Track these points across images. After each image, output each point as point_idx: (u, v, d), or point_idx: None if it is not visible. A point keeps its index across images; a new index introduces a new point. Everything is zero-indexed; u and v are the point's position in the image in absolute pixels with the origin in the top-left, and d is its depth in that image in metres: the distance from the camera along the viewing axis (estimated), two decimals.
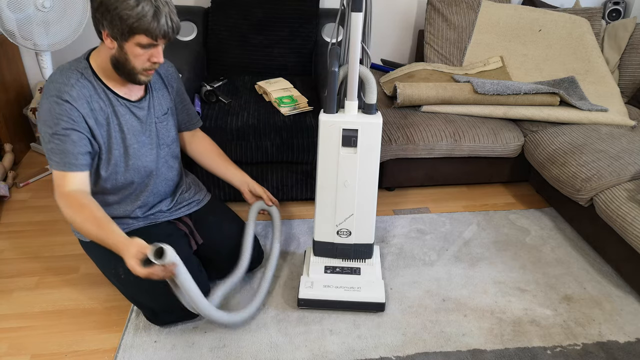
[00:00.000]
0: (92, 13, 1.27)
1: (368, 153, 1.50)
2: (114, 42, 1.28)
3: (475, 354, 1.51)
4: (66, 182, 1.33)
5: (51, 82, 1.31)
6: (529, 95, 2.20)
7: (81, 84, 1.32)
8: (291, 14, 2.42)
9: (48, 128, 1.29)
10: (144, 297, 1.51)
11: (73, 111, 1.29)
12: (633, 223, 1.63)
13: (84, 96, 1.32)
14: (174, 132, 1.57)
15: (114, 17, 1.23)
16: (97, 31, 1.30)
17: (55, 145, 1.30)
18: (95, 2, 1.24)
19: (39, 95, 2.53)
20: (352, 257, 1.70)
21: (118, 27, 1.24)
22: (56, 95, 1.28)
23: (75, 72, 1.33)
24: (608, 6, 2.77)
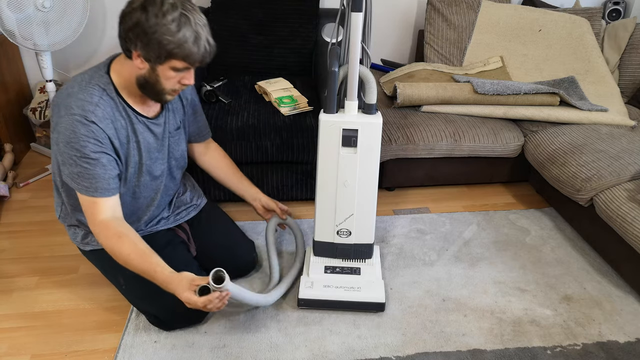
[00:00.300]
0: (123, 32, 1.19)
1: (368, 153, 1.50)
2: (146, 64, 1.22)
3: (475, 354, 1.51)
4: (100, 209, 1.29)
5: (70, 97, 1.24)
6: (529, 95, 2.20)
7: (104, 102, 1.26)
8: (291, 14, 2.42)
9: (74, 150, 1.23)
10: (146, 305, 1.52)
11: (100, 133, 1.24)
12: (633, 223, 1.63)
13: (108, 116, 1.27)
14: (183, 145, 1.56)
15: (152, 40, 1.17)
16: (125, 49, 1.23)
17: (84, 170, 1.25)
18: (129, 21, 1.17)
19: (39, 95, 2.53)
20: (352, 257, 1.70)
21: (155, 50, 1.19)
22: (80, 115, 1.22)
23: (97, 88, 1.27)
24: (608, 6, 2.76)
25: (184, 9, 1.18)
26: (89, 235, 1.47)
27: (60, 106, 1.25)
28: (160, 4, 1.16)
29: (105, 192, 1.29)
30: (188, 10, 1.19)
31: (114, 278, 1.52)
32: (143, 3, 1.16)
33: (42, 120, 2.50)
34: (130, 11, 1.17)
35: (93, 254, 1.49)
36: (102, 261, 1.50)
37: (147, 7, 1.16)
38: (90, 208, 1.29)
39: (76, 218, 1.47)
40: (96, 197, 1.28)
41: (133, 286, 1.49)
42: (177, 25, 1.16)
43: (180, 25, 1.17)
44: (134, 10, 1.17)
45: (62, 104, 1.25)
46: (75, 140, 1.22)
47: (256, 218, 2.11)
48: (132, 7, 1.18)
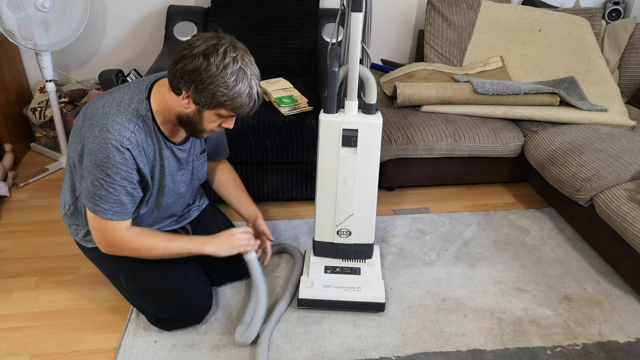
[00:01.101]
0: (180, 72, 1.18)
1: (368, 153, 1.50)
2: (193, 105, 1.23)
3: (475, 354, 1.51)
4: (116, 230, 1.31)
5: (107, 118, 1.23)
6: (529, 95, 2.20)
7: (139, 129, 1.26)
8: (291, 14, 2.42)
9: (103, 174, 1.23)
10: (145, 305, 1.52)
11: (131, 161, 1.25)
12: (633, 223, 1.63)
13: (141, 142, 1.26)
14: (206, 166, 1.57)
15: (207, 89, 1.17)
16: (174, 86, 1.21)
17: (107, 194, 1.25)
18: (189, 65, 1.16)
19: (39, 95, 2.53)
20: (352, 257, 1.70)
21: (207, 98, 1.19)
22: (117, 140, 1.21)
23: (135, 113, 1.26)
24: (608, 6, 2.77)
25: (244, 63, 1.19)
26: (90, 233, 1.46)
27: (94, 122, 1.24)
28: (222, 56, 1.16)
29: (123, 216, 1.31)
30: (246, 64, 1.20)
31: (114, 277, 1.52)
32: (205, 51, 1.16)
33: (42, 120, 2.50)
34: (191, 56, 1.16)
35: (94, 251, 1.49)
36: (103, 259, 1.50)
37: (210, 56, 1.16)
38: (107, 229, 1.31)
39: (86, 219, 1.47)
40: (114, 220, 1.30)
41: (133, 285, 1.49)
42: (235, 79, 1.18)
43: (238, 80, 1.18)
44: (195, 56, 1.16)
45: (97, 121, 1.23)
46: (107, 165, 1.22)
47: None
48: (193, 52, 1.16)
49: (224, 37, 1.20)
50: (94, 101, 1.30)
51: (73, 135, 1.33)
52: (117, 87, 1.32)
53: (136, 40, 2.69)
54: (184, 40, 2.45)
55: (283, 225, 2.07)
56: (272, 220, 2.09)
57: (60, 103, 2.46)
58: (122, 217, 1.31)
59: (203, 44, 1.17)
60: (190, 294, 1.50)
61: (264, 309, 1.50)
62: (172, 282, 1.47)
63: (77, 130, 1.30)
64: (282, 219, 2.11)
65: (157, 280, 1.46)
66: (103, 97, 1.28)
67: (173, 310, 1.49)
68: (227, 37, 1.20)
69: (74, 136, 1.31)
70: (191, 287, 1.50)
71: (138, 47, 2.71)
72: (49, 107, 2.46)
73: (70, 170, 1.39)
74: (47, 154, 2.57)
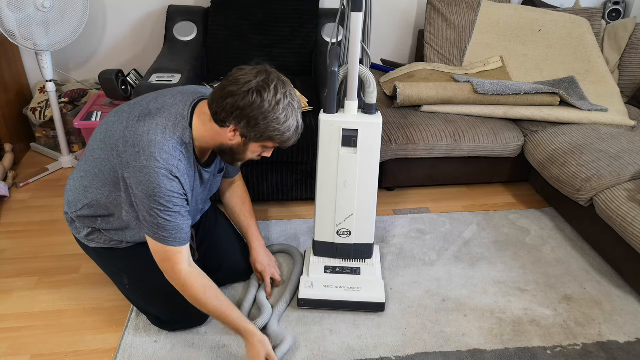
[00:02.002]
0: (228, 105, 1.19)
1: (368, 153, 1.50)
2: (240, 138, 1.25)
3: (475, 354, 1.51)
4: (181, 258, 1.31)
5: (153, 146, 1.21)
6: (529, 95, 2.20)
7: (184, 157, 1.26)
8: (291, 14, 2.42)
9: (157, 204, 1.23)
10: (147, 305, 1.52)
11: (180, 189, 1.25)
12: (633, 223, 1.63)
13: (186, 170, 1.27)
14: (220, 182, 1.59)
15: (259, 125, 1.20)
16: (220, 119, 1.22)
17: (166, 222, 1.25)
18: (241, 102, 1.17)
19: (39, 95, 2.53)
20: (352, 257, 1.70)
21: (257, 132, 1.22)
22: (166, 169, 1.21)
23: (180, 141, 1.25)
24: (608, 6, 2.77)
25: (292, 98, 1.22)
26: (94, 233, 1.45)
27: (139, 150, 1.21)
28: (274, 92, 1.18)
29: (184, 241, 1.31)
30: (294, 98, 1.23)
31: (117, 277, 1.52)
32: (257, 87, 1.17)
33: (42, 120, 2.50)
34: (243, 92, 1.17)
35: (96, 252, 1.49)
36: (105, 260, 1.50)
37: (262, 93, 1.18)
38: (172, 257, 1.31)
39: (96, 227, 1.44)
40: (176, 246, 1.30)
41: (136, 286, 1.49)
42: (286, 115, 1.21)
43: (288, 115, 1.22)
44: (247, 93, 1.17)
45: (142, 149, 1.21)
46: (160, 194, 1.22)
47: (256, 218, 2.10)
48: (244, 89, 1.17)
49: (272, 72, 1.21)
50: (132, 124, 1.26)
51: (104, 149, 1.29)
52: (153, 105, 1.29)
53: (136, 40, 2.69)
54: (184, 40, 2.45)
55: (283, 225, 2.07)
56: (272, 220, 2.09)
57: (60, 103, 2.46)
58: (183, 242, 1.31)
59: (254, 80, 1.18)
60: None
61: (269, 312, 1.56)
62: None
63: (113, 150, 1.26)
64: (282, 219, 2.11)
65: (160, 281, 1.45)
66: (144, 121, 1.25)
67: (175, 312, 1.49)
68: (274, 72, 1.22)
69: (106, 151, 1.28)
70: None
71: (138, 47, 2.71)
72: (49, 107, 2.46)
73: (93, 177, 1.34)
74: (47, 154, 2.57)
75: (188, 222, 1.32)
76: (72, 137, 2.55)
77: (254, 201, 2.20)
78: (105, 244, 1.46)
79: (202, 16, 2.50)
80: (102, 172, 1.30)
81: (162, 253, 1.31)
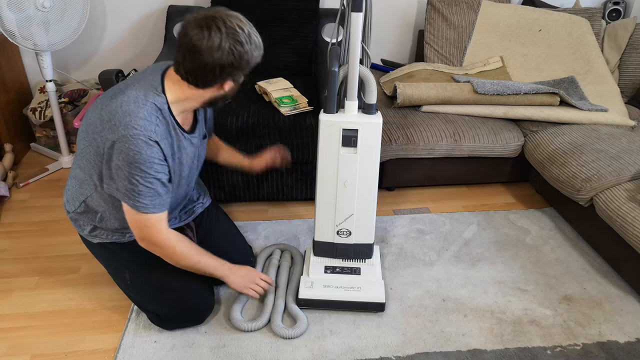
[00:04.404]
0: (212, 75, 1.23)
1: (368, 153, 1.50)
2: (231, 83, 1.30)
3: (475, 354, 1.51)
4: (160, 225, 1.34)
5: (129, 115, 1.23)
6: (529, 95, 2.20)
7: (160, 122, 1.27)
8: (291, 14, 2.42)
9: (138, 170, 1.24)
10: (148, 303, 1.52)
11: (160, 153, 1.26)
12: (633, 223, 1.63)
13: (164, 135, 1.28)
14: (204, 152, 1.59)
15: (247, 66, 1.26)
16: (206, 83, 1.26)
17: (146, 189, 1.27)
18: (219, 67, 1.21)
19: (39, 95, 2.53)
20: (352, 257, 1.70)
21: (247, 70, 1.28)
22: (144, 135, 1.22)
23: (154, 107, 1.26)
24: (608, 6, 2.77)
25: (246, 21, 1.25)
26: (97, 229, 1.47)
27: (116, 123, 1.23)
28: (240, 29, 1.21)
29: (163, 207, 1.33)
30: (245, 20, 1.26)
31: (119, 273, 1.52)
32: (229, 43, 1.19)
33: (42, 120, 2.50)
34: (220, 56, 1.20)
35: (100, 247, 1.50)
36: (108, 255, 1.51)
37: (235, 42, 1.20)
38: (150, 224, 1.32)
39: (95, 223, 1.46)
40: (157, 213, 1.31)
41: (138, 282, 1.49)
42: (256, 40, 1.25)
43: (255, 37, 1.25)
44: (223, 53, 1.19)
45: (119, 121, 1.23)
46: (140, 160, 1.23)
47: (256, 218, 2.11)
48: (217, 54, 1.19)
49: (217, 15, 1.20)
50: (106, 103, 1.28)
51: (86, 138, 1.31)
52: (123, 85, 1.31)
53: (136, 40, 2.69)
54: None
55: (283, 225, 2.07)
56: (272, 220, 2.09)
57: (60, 103, 2.46)
58: (162, 208, 1.33)
59: (215, 36, 1.18)
60: (193, 294, 1.51)
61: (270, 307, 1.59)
62: (176, 281, 1.48)
63: (94, 134, 1.28)
64: (282, 219, 2.11)
65: (162, 278, 1.47)
66: (116, 97, 1.27)
67: (175, 309, 1.49)
68: (217, 12, 1.21)
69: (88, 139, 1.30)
70: (195, 287, 1.51)
71: (138, 47, 2.71)
72: (49, 107, 2.46)
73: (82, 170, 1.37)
74: (47, 154, 2.57)
75: (167, 189, 1.32)
76: (72, 137, 2.55)
77: (254, 201, 2.21)
78: (108, 238, 1.47)
79: None
80: (89, 160, 1.32)
81: (140, 221, 1.32)
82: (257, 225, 2.06)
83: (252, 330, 1.54)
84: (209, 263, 1.46)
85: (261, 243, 1.95)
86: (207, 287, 1.56)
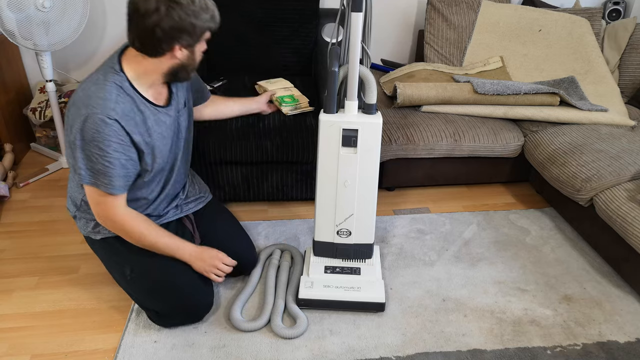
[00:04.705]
0: (162, 35, 1.22)
1: (368, 153, 1.50)
2: (186, 50, 1.29)
3: (475, 354, 1.51)
4: (116, 206, 1.35)
5: (89, 97, 1.25)
6: (529, 95, 2.20)
7: (122, 99, 1.28)
8: (291, 14, 2.42)
9: (97, 149, 1.25)
10: (148, 299, 1.52)
11: (121, 131, 1.27)
12: (633, 223, 1.63)
13: (127, 112, 1.29)
14: (191, 119, 1.59)
15: (193, 29, 1.24)
16: (157, 50, 1.26)
17: (104, 167, 1.28)
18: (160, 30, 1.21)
19: (39, 95, 2.53)
20: (352, 257, 1.70)
21: (197, 33, 1.27)
22: (102, 113, 1.23)
23: (114, 85, 1.28)
24: (608, 6, 2.77)
25: None
26: (100, 225, 1.49)
27: (78, 105, 1.26)
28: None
29: (122, 189, 1.34)
30: None
31: (120, 269, 1.52)
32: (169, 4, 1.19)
33: (42, 120, 2.50)
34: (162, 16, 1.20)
35: (102, 242, 1.51)
36: (110, 250, 1.52)
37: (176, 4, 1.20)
38: (103, 203, 1.35)
39: None
40: (114, 194, 1.33)
41: (139, 277, 1.49)
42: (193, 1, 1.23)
43: (203, 6, 1.24)
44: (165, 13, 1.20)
45: (80, 103, 1.26)
46: (98, 139, 1.25)
47: (256, 218, 2.11)
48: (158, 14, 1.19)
49: None
50: (76, 91, 1.32)
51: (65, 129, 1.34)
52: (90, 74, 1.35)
53: None
54: None
55: (283, 225, 2.07)
56: (272, 220, 2.09)
57: (60, 103, 2.46)
58: (120, 190, 1.33)
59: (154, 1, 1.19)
60: (194, 290, 1.51)
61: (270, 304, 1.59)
62: (177, 277, 1.48)
63: (66, 122, 1.32)
64: (282, 219, 2.11)
65: (164, 274, 1.47)
66: (80, 84, 1.32)
67: (175, 306, 1.49)
68: None
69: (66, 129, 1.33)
70: (195, 284, 1.51)
71: None
72: (49, 107, 2.46)
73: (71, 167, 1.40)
74: (47, 154, 2.57)
75: (128, 172, 1.33)
76: None
77: (254, 201, 2.21)
78: (110, 233, 1.49)
79: None
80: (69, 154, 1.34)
81: (98, 199, 1.34)
82: (257, 225, 2.06)
83: (252, 330, 1.54)
84: (169, 244, 1.45)
85: (261, 243, 1.95)
86: (207, 285, 1.56)
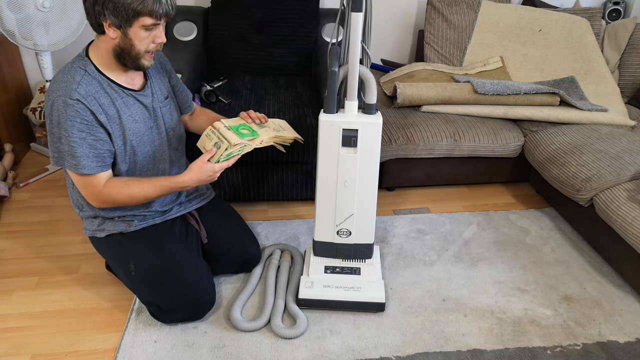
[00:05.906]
0: (90, 7, 1.25)
1: (368, 153, 1.50)
2: (118, 31, 1.28)
3: (475, 354, 1.51)
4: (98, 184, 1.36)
5: (55, 82, 1.31)
6: (529, 95, 2.20)
7: (87, 81, 1.31)
8: (291, 14, 2.42)
9: (63, 130, 1.29)
10: (151, 294, 1.52)
11: (85, 111, 1.29)
12: (633, 223, 1.63)
13: (92, 93, 1.31)
14: (176, 114, 1.60)
15: (117, 4, 1.23)
16: (94, 24, 1.29)
17: (71, 148, 1.30)
18: (87, 1, 1.24)
19: (39, 95, 2.53)
20: (352, 257, 1.70)
21: (122, 13, 1.24)
22: (64, 95, 1.27)
23: (78, 69, 1.32)
24: (608, 6, 2.77)
25: None
26: (105, 222, 1.50)
27: (48, 93, 1.31)
28: None
29: (94, 169, 1.34)
30: None
31: (123, 264, 1.51)
32: None
33: (42, 120, 2.50)
34: None
35: (107, 240, 1.51)
36: (114, 246, 1.52)
37: None
38: (89, 186, 1.36)
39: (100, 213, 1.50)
40: (84, 173, 1.34)
41: (142, 270, 1.49)
42: None
43: None
44: None
45: (50, 90, 1.31)
46: (62, 120, 1.28)
47: (256, 218, 2.11)
48: None
49: None
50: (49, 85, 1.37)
51: None
52: None
53: None
54: (184, 40, 2.45)
55: (283, 225, 2.07)
56: (272, 220, 2.09)
57: None
58: (92, 169, 1.34)
59: None
60: (196, 286, 1.51)
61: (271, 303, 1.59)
62: (181, 273, 1.49)
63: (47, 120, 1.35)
64: (282, 219, 2.11)
65: (167, 268, 1.48)
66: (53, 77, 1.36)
67: (177, 301, 1.49)
68: None
69: None
70: (198, 280, 1.51)
71: None
72: None
73: None
74: (47, 154, 2.57)
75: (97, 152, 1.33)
76: None
77: (254, 201, 2.21)
78: (114, 229, 1.50)
79: (202, 16, 2.50)
80: None
81: (80, 181, 1.36)
82: (257, 225, 2.06)
83: (252, 330, 1.54)
84: (166, 185, 1.42)
85: (261, 243, 1.95)
86: (210, 282, 1.56)
